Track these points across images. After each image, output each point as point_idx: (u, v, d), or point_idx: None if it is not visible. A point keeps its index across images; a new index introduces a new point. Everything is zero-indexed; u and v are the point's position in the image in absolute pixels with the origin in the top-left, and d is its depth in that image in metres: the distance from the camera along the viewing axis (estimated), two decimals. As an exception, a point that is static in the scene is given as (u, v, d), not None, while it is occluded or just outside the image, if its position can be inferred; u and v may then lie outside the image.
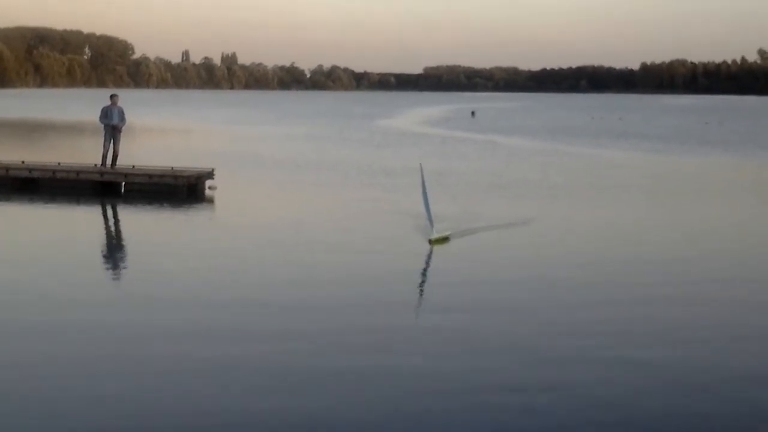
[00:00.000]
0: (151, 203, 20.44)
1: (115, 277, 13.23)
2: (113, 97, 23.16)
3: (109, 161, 22.72)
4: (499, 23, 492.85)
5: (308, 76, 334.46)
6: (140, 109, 78.97)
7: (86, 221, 18.62)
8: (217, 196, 21.82)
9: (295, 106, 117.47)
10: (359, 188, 23.81)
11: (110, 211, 20.21)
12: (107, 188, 22.26)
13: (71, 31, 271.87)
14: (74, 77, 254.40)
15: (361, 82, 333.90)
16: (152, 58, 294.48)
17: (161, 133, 53.28)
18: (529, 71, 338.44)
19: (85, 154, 29.24)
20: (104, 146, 22.84)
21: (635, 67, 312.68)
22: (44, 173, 22.72)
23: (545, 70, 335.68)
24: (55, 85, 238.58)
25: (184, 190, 21.80)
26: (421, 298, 12.01)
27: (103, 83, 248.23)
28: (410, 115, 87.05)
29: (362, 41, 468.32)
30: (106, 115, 22.82)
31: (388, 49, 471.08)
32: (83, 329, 9.90)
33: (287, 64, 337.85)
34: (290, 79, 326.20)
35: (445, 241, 15.61)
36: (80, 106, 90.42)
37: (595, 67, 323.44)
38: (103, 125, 23.01)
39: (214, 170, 23.06)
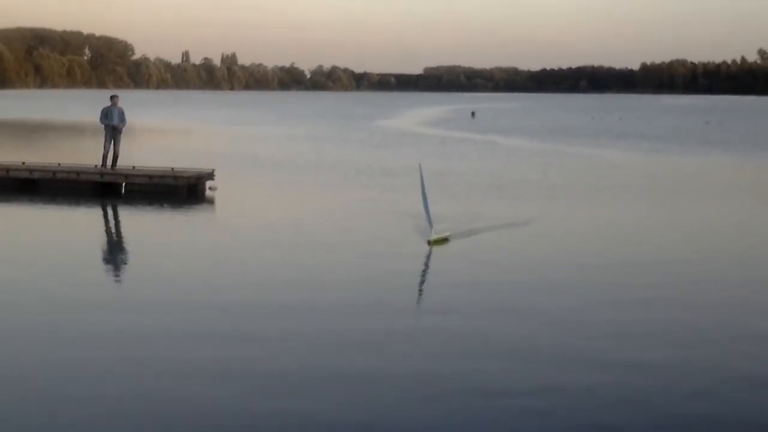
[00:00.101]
0: (151, 204, 20.46)
1: (115, 277, 13.25)
2: (113, 97, 23.19)
3: (109, 162, 22.74)
4: (498, 23, 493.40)
5: (308, 76, 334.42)
6: (140, 109, 78.97)
7: (86, 222, 18.65)
8: (217, 196, 21.84)
9: (295, 106, 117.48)
10: (359, 189, 23.82)
11: (110, 211, 20.24)
12: (107, 189, 22.27)
13: (71, 31, 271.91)
14: (74, 78, 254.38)
15: (361, 82, 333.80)
16: (152, 58, 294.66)
17: (161, 133, 53.31)
18: (529, 71, 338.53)
19: (85, 154, 29.25)
20: (104, 147, 22.86)
21: (635, 67, 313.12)
22: (44, 174, 22.73)
23: (545, 70, 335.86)
24: (55, 85, 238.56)
25: (184, 190, 21.82)
26: (419, 299, 11.98)
27: (103, 84, 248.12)
28: (410, 115, 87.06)
29: (362, 42, 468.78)
30: (106, 115, 22.84)
31: (388, 49, 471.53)
32: (83, 330, 9.92)
33: (287, 64, 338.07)
34: (290, 79, 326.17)
35: (444, 241, 15.58)
36: (80, 106, 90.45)
37: (594, 67, 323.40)
38: (103, 126, 23.04)
39: (214, 171, 23.07)
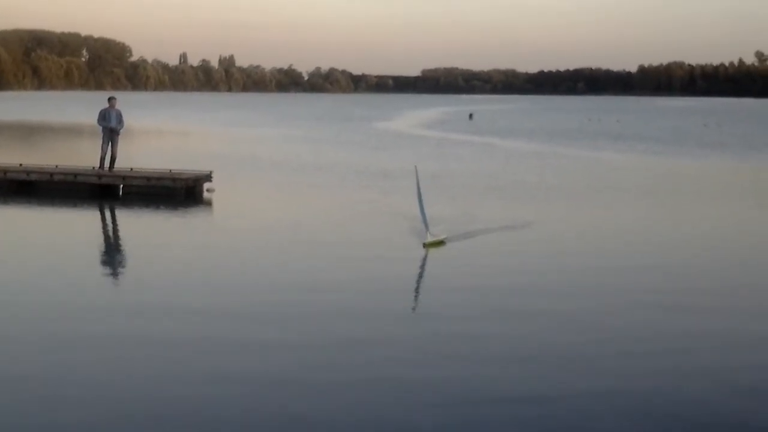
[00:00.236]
0: (149, 206, 20.46)
1: (112, 279, 13.22)
2: (111, 99, 23.17)
3: (107, 164, 22.71)
4: (496, 26, 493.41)
5: (306, 78, 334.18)
6: (138, 111, 78.88)
7: (84, 224, 18.63)
8: (215, 198, 21.83)
9: (292, 108, 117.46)
10: (356, 190, 23.82)
11: (108, 213, 20.24)
12: (105, 191, 22.26)
13: (69, 33, 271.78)
14: (72, 79, 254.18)
15: (359, 84, 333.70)
16: (150, 60, 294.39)
17: (159, 135, 53.31)
18: (526, 73, 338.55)
19: (83, 156, 29.24)
20: (102, 149, 22.82)
21: (633, 69, 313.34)
22: (42, 176, 22.71)
23: (543, 72, 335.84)
24: (52, 87, 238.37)
25: (182, 192, 21.81)
26: (412, 304, 11.81)
27: (100, 85, 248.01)
28: (408, 117, 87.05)
29: (360, 44, 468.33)
30: (104, 117, 22.82)
31: (385, 51, 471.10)
32: (81, 331, 9.91)
33: (285, 66, 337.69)
34: (288, 81, 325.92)
35: (440, 244, 15.48)
36: (78, 108, 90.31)
37: (592, 69, 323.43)
38: (101, 128, 23.01)
39: (212, 173, 23.06)
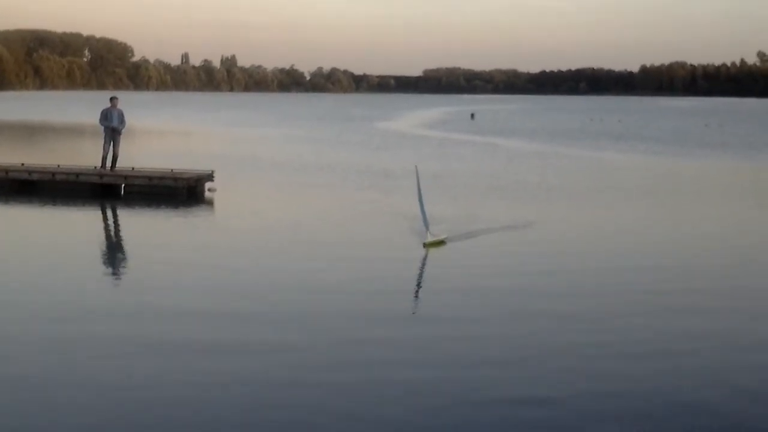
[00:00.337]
0: (150, 205, 20.48)
1: (114, 279, 13.23)
2: (113, 99, 23.21)
3: (108, 163, 22.76)
4: (498, 26, 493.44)
5: (308, 78, 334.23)
6: (140, 111, 78.97)
7: (86, 223, 18.64)
8: (216, 198, 21.85)
9: (294, 108, 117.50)
10: (358, 190, 23.83)
11: (110, 213, 20.25)
12: (107, 190, 22.29)
13: (71, 33, 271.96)
14: (74, 79, 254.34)
15: (360, 84, 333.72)
16: (152, 60, 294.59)
17: (161, 135, 53.33)
18: (528, 73, 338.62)
19: (84, 156, 29.27)
20: (104, 148, 22.87)
21: (635, 69, 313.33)
22: (44, 175, 22.74)
23: (545, 72, 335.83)
24: (54, 87, 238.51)
25: (183, 192, 21.83)
26: (412, 305, 11.71)
27: (102, 85, 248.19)
28: (409, 117, 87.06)
29: (362, 43, 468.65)
30: (105, 117, 22.86)
31: (387, 51, 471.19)
32: (82, 330, 9.92)
33: (287, 66, 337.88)
34: (290, 81, 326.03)
35: (440, 244, 15.45)
36: (80, 108, 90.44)
37: (594, 69, 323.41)
38: (102, 127, 23.05)
39: (213, 172, 23.09)
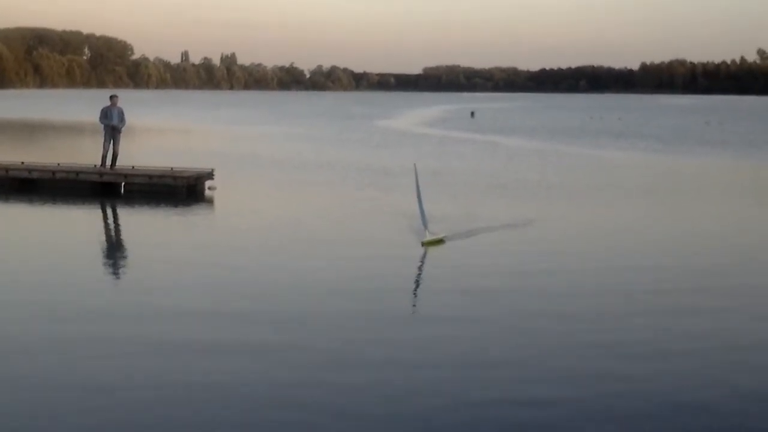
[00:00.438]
0: (150, 204, 20.49)
1: (113, 278, 13.22)
2: (113, 97, 23.21)
3: (108, 162, 22.76)
4: (498, 24, 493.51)
5: (308, 76, 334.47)
6: (140, 109, 78.98)
7: (86, 222, 18.64)
8: (216, 196, 21.86)
9: (294, 106, 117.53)
10: (357, 188, 23.83)
11: (110, 211, 20.26)
12: (107, 189, 22.30)
13: (70, 31, 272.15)
14: (74, 78, 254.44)
15: (360, 82, 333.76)
16: (151, 58, 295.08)
17: (161, 133, 53.33)
18: (528, 71, 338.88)
19: (84, 154, 29.27)
20: (104, 147, 22.88)
21: (635, 67, 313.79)
22: (44, 174, 22.75)
23: (544, 70, 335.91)
24: (54, 85, 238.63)
25: (183, 190, 21.84)
26: (409, 305, 11.60)
27: (102, 84, 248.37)
28: (409, 115, 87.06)
29: (361, 42, 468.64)
30: (105, 115, 22.86)
31: (387, 49, 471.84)
32: (81, 332, 9.91)
33: (286, 64, 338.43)
34: (290, 79, 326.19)
35: (439, 243, 15.39)
36: (80, 106, 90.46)
37: (594, 67, 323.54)
38: (102, 126, 23.06)
39: (213, 171, 23.10)
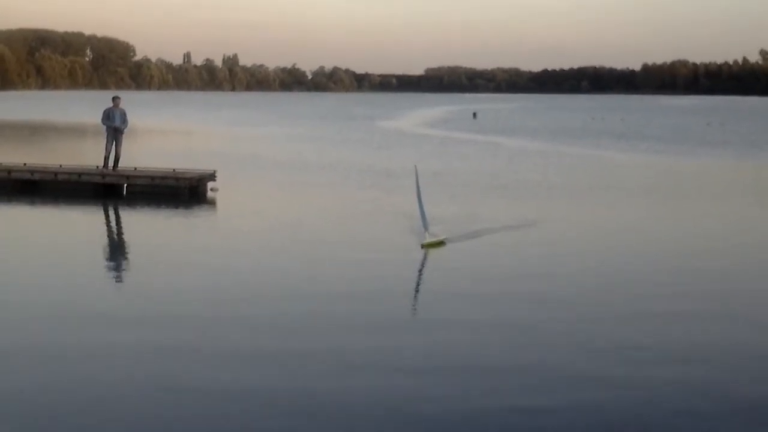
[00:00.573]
0: (152, 205, 20.50)
1: (116, 280, 13.21)
2: (115, 99, 23.25)
3: (111, 163, 22.78)
4: (500, 24, 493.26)
5: (310, 77, 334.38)
6: (142, 110, 78.98)
7: (88, 223, 18.67)
8: (219, 197, 21.87)
9: (296, 107, 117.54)
10: (359, 189, 23.84)
11: (112, 213, 20.28)
12: (109, 190, 22.31)
13: (73, 32, 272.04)
14: (76, 79, 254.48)
15: (362, 83, 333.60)
16: (154, 59, 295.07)
17: (163, 134, 53.35)
18: (530, 72, 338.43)
19: (86, 156, 29.29)
20: (106, 148, 22.89)
21: (636, 67, 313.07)
22: (46, 175, 22.77)
23: (546, 71, 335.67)
24: (56, 86, 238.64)
25: (186, 191, 21.85)
26: (411, 309, 11.46)
27: (104, 85, 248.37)
28: (411, 116, 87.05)
29: (363, 43, 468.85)
30: (108, 116, 22.88)
31: (389, 50, 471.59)
32: (81, 333, 9.91)
33: (288, 65, 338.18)
34: (292, 80, 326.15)
35: (440, 245, 15.26)
36: (82, 107, 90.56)
37: (596, 68, 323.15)
38: (104, 127, 23.08)
39: (215, 172, 23.12)
